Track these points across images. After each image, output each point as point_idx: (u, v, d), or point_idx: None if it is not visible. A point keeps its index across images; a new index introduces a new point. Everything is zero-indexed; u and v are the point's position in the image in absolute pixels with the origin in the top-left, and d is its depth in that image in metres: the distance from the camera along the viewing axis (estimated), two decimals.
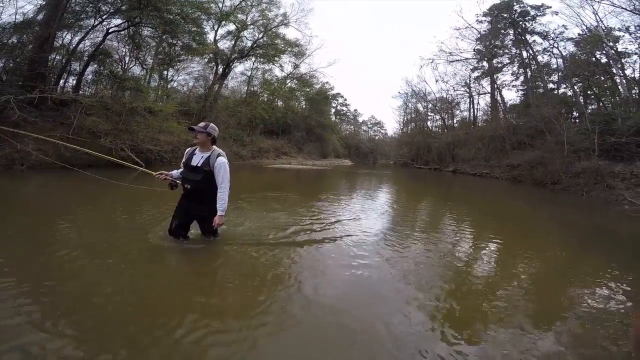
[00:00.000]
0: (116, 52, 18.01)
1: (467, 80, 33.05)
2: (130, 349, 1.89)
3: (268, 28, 28.12)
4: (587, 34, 19.95)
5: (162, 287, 2.78)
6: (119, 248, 3.57)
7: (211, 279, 3.11)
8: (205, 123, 3.49)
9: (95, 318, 2.16)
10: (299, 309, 2.54)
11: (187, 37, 19.82)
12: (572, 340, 2.37)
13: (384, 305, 2.73)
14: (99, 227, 4.50)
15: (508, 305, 2.85)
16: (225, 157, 3.51)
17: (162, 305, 2.44)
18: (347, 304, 2.66)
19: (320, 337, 2.20)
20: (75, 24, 15.37)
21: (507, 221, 7.73)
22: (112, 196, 6.87)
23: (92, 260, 3.17)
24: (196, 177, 3.42)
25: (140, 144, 14.03)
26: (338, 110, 58.04)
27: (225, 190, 3.42)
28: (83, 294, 2.49)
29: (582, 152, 15.11)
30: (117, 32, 16.84)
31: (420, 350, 2.09)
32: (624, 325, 2.62)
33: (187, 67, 25.02)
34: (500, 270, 3.88)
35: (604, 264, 4.31)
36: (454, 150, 30.19)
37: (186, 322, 2.19)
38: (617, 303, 3.08)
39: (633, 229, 7.59)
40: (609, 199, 11.82)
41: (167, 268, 3.28)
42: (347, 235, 4.70)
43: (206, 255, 3.57)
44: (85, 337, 1.95)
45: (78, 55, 15.92)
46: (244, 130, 27.66)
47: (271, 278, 3.08)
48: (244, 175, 15.72)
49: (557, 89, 25.90)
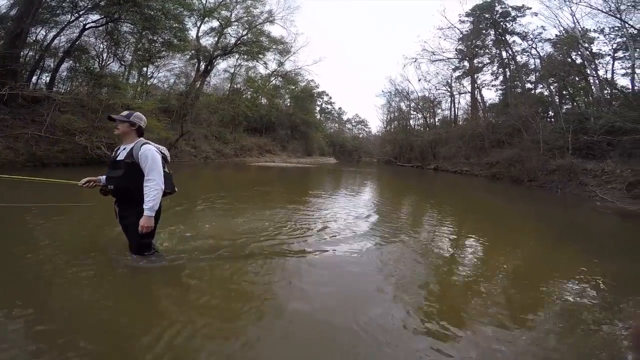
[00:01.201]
0: (93, 49, 17.42)
1: (448, 80, 33.84)
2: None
3: (253, 25, 27.75)
4: (564, 35, 20.64)
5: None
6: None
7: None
8: (128, 112, 2.96)
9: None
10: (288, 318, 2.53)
11: (168, 34, 19.31)
12: (550, 332, 2.46)
13: (367, 302, 2.76)
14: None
15: (488, 299, 2.93)
16: (155, 147, 2.86)
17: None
18: (329, 304, 2.67)
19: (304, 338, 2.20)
20: (51, 19, 14.81)
21: (487, 217, 7.93)
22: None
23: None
24: (118, 173, 2.79)
25: (117, 142, 13.60)
26: (323, 108, 58.21)
27: (153, 183, 2.70)
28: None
29: (557, 150, 15.70)
30: (94, 28, 16.30)
31: (398, 345, 2.12)
32: (599, 314, 2.77)
33: (168, 63, 24.37)
34: (480, 265, 3.99)
35: (579, 257, 4.52)
36: (435, 148, 30.80)
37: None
38: (591, 294, 3.23)
39: (604, 225, 7.95)
40: (582, 195, 12.27)
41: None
42: (332, 235, 4.71)
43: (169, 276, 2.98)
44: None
45: (52, 51, 15.35)
46: (226, 128, 27.29)
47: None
48: (225, 174, 15.58)
49: (534, 89, 26.73)
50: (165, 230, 4.05)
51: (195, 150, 20.83)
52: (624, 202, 10.31)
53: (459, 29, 30.70)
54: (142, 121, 2.97)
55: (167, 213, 3.79)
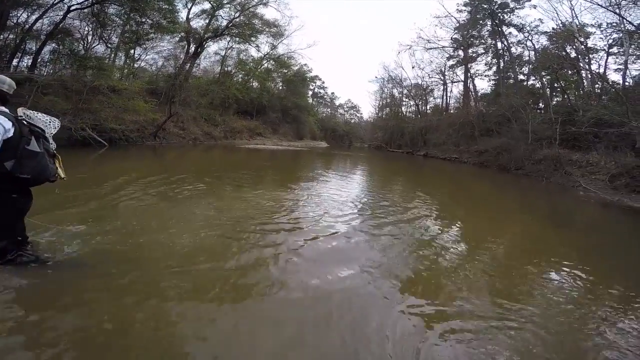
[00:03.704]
0: (78, 31, 16.85)
1: (442, 68, 33.61)
2: None
3: (245, 7, 26.90)
4: (562, 28, 20.59)
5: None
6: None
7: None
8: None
9: None
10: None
11: (157, 15, 18.73)
12: (535, 312, 2.62)
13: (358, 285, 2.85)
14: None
15: (475, 282, 3.10)
16: (7, 116, 2.12)
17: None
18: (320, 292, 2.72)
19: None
20: (33, 1, 14.23)
21: (474, 203, 8.10)
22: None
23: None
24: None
25: (103, 124, 13.36)
26: (315, 92, 57.49)
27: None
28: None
29: (545, 140, 15.91)
30: (79, 10, 15.64)
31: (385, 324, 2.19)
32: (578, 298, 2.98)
33: (157, 45, 23.66)
34: (468, 249, 4.12)
35: (560, 243, 4.69)
36: (426, 135, 30.98)
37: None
38: (571, 277, 3.46)
39: (586, 213, 8.20)
40: (566, 184, 12.53)
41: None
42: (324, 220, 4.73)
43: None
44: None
45: (34, 33, 14.80)
46: (216, 110, 26.86)
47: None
48: (213, 154, 15.50)
49: (526, 81, 26.80)
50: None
51: (184, 132, 20.52)
52: (606, 192, 10.57)
53: (456, 18, 30.37)
54: (4, 84, 2.23)
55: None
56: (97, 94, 13.73)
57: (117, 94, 14.64)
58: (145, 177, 6.82)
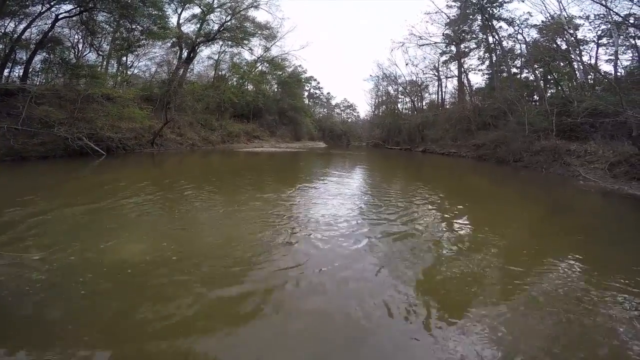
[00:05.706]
0: (68, 40, 16.72)
1: (435, 64, 33.71)
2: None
3: (236, 11, 26.81)
4: (550, 21, 20.73)
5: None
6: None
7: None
8: None
9: None
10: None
11: (147, 21, 18.58)
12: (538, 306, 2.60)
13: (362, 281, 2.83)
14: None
15: (481, 277, 3.05)
16: None
17: None
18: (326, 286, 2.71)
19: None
20: (20, 11, 14.09)
21: (475, 196, 8.07)
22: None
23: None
24: None
25: (99, 132, 13.24)
26: (311, 93, 57.36)
27: None
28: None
29: (542, 132, 15.99)
30: (67, 18, 15.51)
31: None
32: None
33: (149, 52, 23.55)
34: (471, 243, 4.10)
35: (565, 235, 4.67)
36: (423, 131, 31.08)
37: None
38: (578, 271, 3.41)
39: (587, 203, 8.19)
40: (566, 174, 12.57)
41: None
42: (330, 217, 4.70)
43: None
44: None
45: (24, 43, 14.66)
46: (212, 115, 26.75)
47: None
48: (212, 160, 15.41)
49: (520, 74, 26.96)
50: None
51: (181, 138, 20.38)
52: (606, 181, 10.60)
53: (446, 14, 30.46)
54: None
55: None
56: (91, 103, 13.62)
57: (111, 101, 14.54)
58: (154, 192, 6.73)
